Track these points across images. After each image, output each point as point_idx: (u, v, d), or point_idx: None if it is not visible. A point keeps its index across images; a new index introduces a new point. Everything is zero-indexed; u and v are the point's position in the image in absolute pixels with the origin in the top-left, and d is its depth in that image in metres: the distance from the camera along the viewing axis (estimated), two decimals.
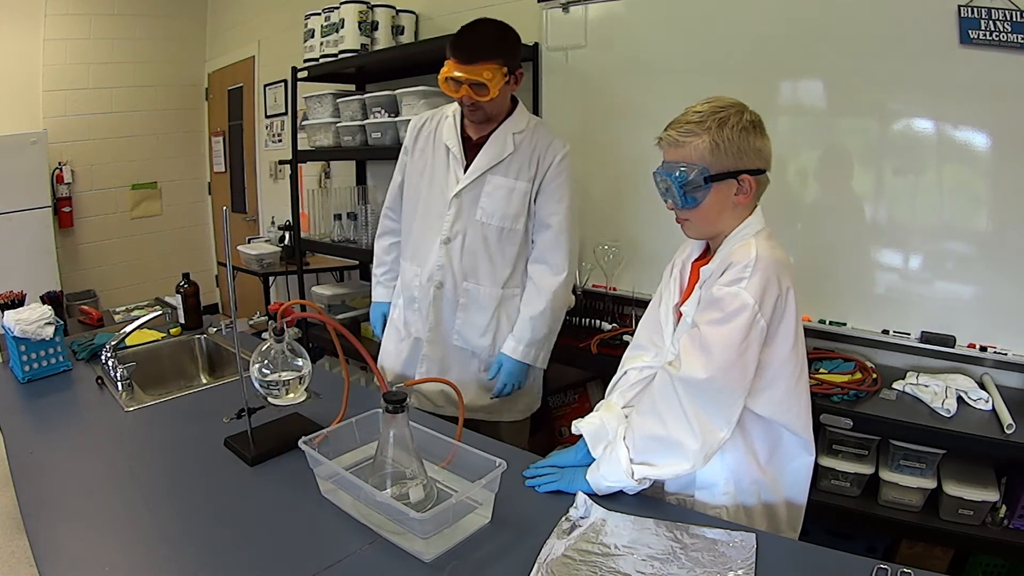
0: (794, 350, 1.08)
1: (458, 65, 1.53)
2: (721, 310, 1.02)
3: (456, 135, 1.70)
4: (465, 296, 1.73)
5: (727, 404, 1.03)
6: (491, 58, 1.53)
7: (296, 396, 1.23)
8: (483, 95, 1.54)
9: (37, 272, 3.84)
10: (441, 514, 0.93)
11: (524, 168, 1.66)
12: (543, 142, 1.67)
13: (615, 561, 0.92)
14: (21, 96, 4.07)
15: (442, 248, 1.70)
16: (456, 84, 1.55)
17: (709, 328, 1.03)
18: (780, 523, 1.17)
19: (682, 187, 1.08)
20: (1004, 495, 1.61)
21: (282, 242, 3.78)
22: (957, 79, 1.71)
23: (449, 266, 1.71)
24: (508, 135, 1.66)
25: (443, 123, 1.73)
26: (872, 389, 1.73)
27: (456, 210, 1.68)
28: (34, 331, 1.61)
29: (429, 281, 1.73)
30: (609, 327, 2.23)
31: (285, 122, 4.04)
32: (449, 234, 1.69)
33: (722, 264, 1.08)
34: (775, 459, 1.14)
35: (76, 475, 1.18)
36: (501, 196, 1.66)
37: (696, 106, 1.09)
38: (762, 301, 1.01)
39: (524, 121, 1.69)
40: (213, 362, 2.05)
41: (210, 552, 0.95)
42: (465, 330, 1.76)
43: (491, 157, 1.65)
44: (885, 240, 1.91)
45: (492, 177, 1.66)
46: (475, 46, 1.54)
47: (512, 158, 1.66)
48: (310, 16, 2.95)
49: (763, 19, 2.00)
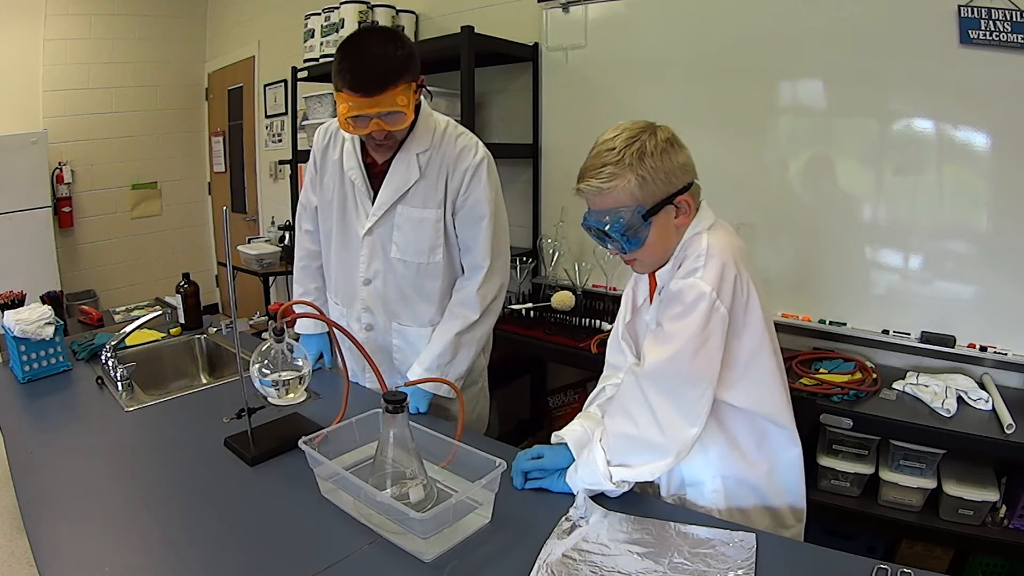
0: (764, 338, 1.06)
1: (362, 99, 1.25)
2: (681, 303, 1.01)
3: (358, 164, 1.47)
4: (398, 338, 1.57)
5: (694, 399, 1.01)
6: (399, 79, 1.26)
7: (296, 396, 1.23)
8: (399, 123, 1.31)
9: (37, 272, 3.84)
10: (441, 514, 0.93)
11: (431, 193, 1.44)
12: (450, 156, 1.44)
13: (615, 561, 0.92)
14: (21, 96, 4.07)
15: (363, 290, 1.54)
16: (364, 121, 1.29)
17: (670, 323, 1.02)
18: (784, 518, 1.16)
19: (623, 234, 1.03)
20: (1004, 495, 1.61)
21: (282, 242, 3.79)
22: (957, 79, 1.72)
23: (375, 308, 1.55)
24: (411, 158, 1.43)
25: (346, 145, 1.50)
26: (872, 389, 1.74)
27: (370, 249, 1.50)
28: (34, 331, 1.61)
29: (358, 323, 1.57)
30: (609, 327, 2.22)
31: (285, 122, 4.04)
32: (367, 275, 1.52)
33: (675, 262, 1.07)
34: (764, 453, 1.13)
35: (76, 475, 1.18)
36: (411, 229, 1.47)
37: (605, 141, 1.04)
38: (719, 288, 0.99)
39: (429, 136, 1.44)
40: (213, 362, 2.05)
41: (210, 552, 0.95)
42: (406, 369, 1.55)
43: (396, 188, 1.44)
44: (885, 240, 1.91)
45: (402, 208, 1.46)
46: (380, 73, 1.25)
47: (418, 185, 1.44)
48: (310, 16, 2.95)
49: (763, 19, 2.00)
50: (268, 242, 3.94)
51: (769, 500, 1.16)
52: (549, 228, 2.59)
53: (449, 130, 1.47)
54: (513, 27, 2.53)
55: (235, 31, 4.54)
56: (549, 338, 2.23)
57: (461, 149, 1.45)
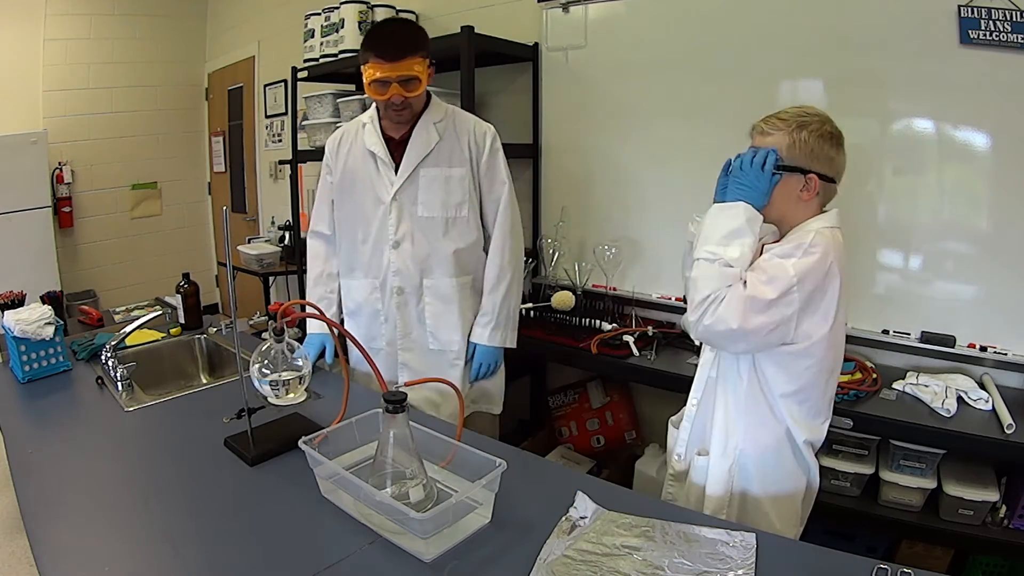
0: (831, 336, 1.13)
1: (385, 64, 1.49)
2: (765, 272, 1.10)
3: (379, 139, 1.66)
4: (429, 294, 1.70)
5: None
6: (416, 51, 1.51)
7: (296, 396, 1.23)
8: (414, 89, 1.53)
9: (37, 272, 3.84)
10: (441, 514, 0.93)
11: (456, 153, 1.65)
12: (467, 126, 1.68)
13: (615, 561, 0.92)
14: (21, 96, 4.07)
15: (393, 252, 1.67)
16: (384, 86, 1.52)
17: (762, 283, 1.09)
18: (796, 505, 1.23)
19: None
20: (1004, 495, 1.61)
21: (282, 242, 3.79)
22: (957, 79, 1.72)
23: (405, 269, 1.68)
24: (429, 126, 1.64)
25: (361, 133, 1.70)
26: (872, 389, 1.74)
27: (397, 212, 1.65)
28: (34, 331, 1.61)
29: (388, 289, 1.70)
30: (609, 327, 2.23)
31: (285, 122, 4.04)
32: (396, 237, 1.66)
33: (784, 243, 1.16)
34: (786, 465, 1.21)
35: (76, 475, 1.18)
36: (439, 186, 1.65)
37: (787, 108, 1.19)
38: (803, 280, 1.08)
39: (442, 110, 1.67)
40: (213, 362, 2.05)
41: (210, 552, 0.95)
42: (439, 331, 1.72)
43: (419, 151, 1.63)
44: (885, 240, 1.91)
45: (425, 170, 1.64)
46: (401, 42, 1.51)
47: (440, 147, 1.64)
48: (310, 16, 2.95)
49: (763, 19, 2.00)
50: (268, 242, 3.94)
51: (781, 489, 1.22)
52: (549, 228, 2.59)
53: (458, 111, 1.72)
54: (513, 27, 2.53)
55: (235, 31, 4.54)
56: (549, 338, 2.23)
57: (475, 123, 1.70)
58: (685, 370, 1.95)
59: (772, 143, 1.16)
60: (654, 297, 2.35)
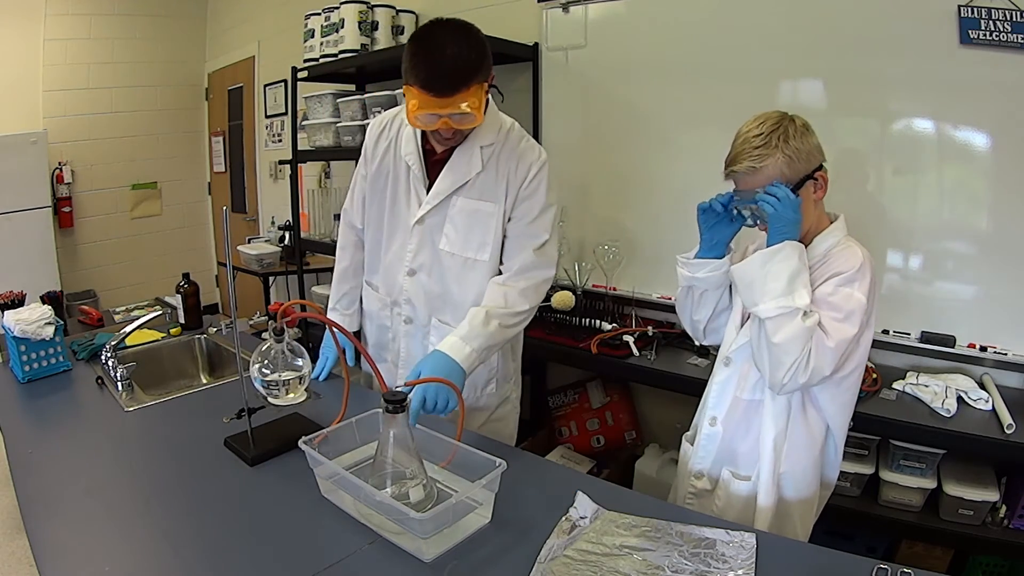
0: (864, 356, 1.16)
1: (433, 99, 1.21)
2: (838, 309, 1.08)
3: (417, 149, 1.43)
4: (435, 334, 1.51)
5: None
6: (471, 80, 1.22)
7: (296, 396, 1.23)
8: (468, 124, 1.28)
9: (37, 272, 3.84)
10: (441, 514, 0.93)
11: (492, 187, 1.41)
12: (513, 155, 1.42)
13: (615, 561, 0.92)
14: (21, 96, 4.07)
15: (407, 280, 1.51)
16: (432, 119, 1.25)
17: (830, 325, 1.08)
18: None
19: None
20: (1004, 495, 1.61)
21: (282, 242, 3.79)
22: (957, 79, 1.72)
23: (416, 300, 1.51)
24: (475, 150, 1.39)
25: (403, 131, 1.48)
26: (872, 389, 1.73)
27: (419, 239, 1.47)
28: (34, 331, 1.61)
29: (397, 314, 1.56)
30: (609, 327, 2.23)
31: (285, 122, 4.04)
32: (413, 265, 1.49)
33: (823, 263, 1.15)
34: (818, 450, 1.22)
35: (76, 475, 1.18)
36: (463, 221, 1.43)
37: (750, 129, 1.13)
38: (870, 299, 1.09)
39: (495, 131, 1.41)
40: (213, 362, 2.05)
41: (210, 552, 0.95)
42: None
43: (455, 179, 1.41)
44: (885, 240, 1.91)
45: (456, 199, 1.42)
46: (456, 74, 1.21)
47: (479, 177, 1.40)
48: (310, 16, 2.95)
49: (763, 19, 2.00)
50: (268, 242, 3.94)
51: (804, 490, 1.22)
52: None
53: (515, 130, 1.46)
54: (513, 27, 2.53)
55: (235, 31, 4.54)
56: (549, 338, 2.23)
57: (525, 148, 1.43)
58: (685, 370, 1.95)
59: (771, 173, 1.11)
60: (654, 297, 2.35)
